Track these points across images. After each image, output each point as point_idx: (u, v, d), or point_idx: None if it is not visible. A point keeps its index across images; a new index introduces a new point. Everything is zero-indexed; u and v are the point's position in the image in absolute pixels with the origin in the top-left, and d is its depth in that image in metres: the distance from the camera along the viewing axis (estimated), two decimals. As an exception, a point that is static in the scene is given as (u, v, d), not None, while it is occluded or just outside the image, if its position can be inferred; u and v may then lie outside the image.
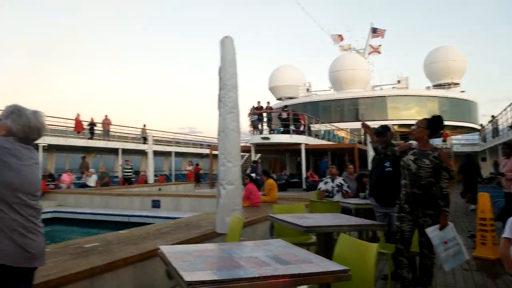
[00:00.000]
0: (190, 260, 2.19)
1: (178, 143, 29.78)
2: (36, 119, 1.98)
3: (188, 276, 1.78)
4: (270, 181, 7.93)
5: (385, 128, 4.36)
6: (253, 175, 9.59)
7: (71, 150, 21.04)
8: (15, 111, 1.95)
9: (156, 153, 20.55)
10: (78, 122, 20.61)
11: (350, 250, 2.56)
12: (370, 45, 34.68)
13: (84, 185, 15.57)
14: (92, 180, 15.47)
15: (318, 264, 2.09)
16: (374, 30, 34.28)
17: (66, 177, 15.54)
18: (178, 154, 27.86)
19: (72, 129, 20.65)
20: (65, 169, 18.60)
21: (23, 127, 1.93)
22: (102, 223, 10.45)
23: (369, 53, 34.60)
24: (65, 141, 19.09)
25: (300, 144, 17.77)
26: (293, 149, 18.52)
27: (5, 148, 1.82)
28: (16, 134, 1.91)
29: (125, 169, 18.36)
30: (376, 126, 4.53)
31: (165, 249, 2.45)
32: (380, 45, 34.63)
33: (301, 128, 18.82)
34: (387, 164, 4.28)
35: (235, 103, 4.38)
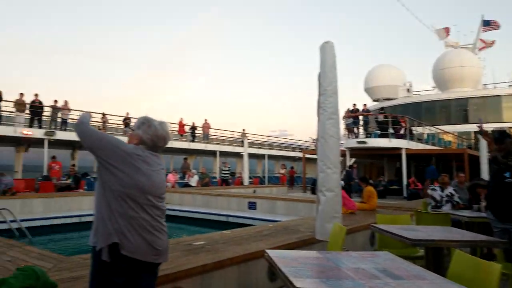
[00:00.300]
0: (296, 266, 2.23)
1: (271, 146, 30.38)
2: (162, 129, 2.22)
3: (298, 283, 1.83)
4: (369, 188, 7.66)
5: (503, 134, 3.92)
6: (341, 183, 9.24)
7: (174, 152, 22.84)
8: (145, 122, 2.20)
9: (250, 155, 21.24)
10: (181, 126, 22.27)
11: (467, 269, 2.36)
12: (481, 39, 31.29)
13: (187, 185, 16.75)
14: (194, 181, 16.60)
15: (433, 281, 1.97)
16: (487, 23, 30.81)
17: (171, 177, 16.87)
18: (270, 157, 28.42)
19: (175, 132, 22.41)
20: (170, 169, 20.22)
21: (152, 136, 2.17)
22: (203, 221, 11.15)
23: (480, 49, 31.21)
24: (170, 143, 20.71)
25: (400, 148, 16.76)
26: (392, 153, 17.56)
27: (137, 155, 2.07)
28: (146, 143, 2.16)
29: (223, 170, 19.32)
30: (490, 129, 4.11)
31: (272, 253, 2.53)
32: (493, 41, 31.04)
33: (402, 132, 17.74)
34: (507, 174, 3.84)
35: (335, 109, 4.34)
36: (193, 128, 23.02)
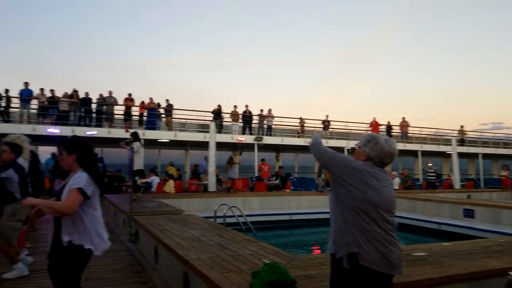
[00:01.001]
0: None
1: (485, 143, 26.18)
2: (388, 146, 2.27)
3: None
4: None
5: None
6: None
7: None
8: (371, 140, 2.30)
9: (459, 154, 18.91)
10: (375, 126, 21.49)
11: None
12: None
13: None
14: (395, 183, 15.95)
15: None
16: None
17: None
18: (485, 156, 24.49)
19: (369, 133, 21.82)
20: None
21: (379, 153, 2.25)
22: (409, 227, 10.60)
23: None
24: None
25: None
26: None
27: (366, 171, 2.19)
28: (373, 159, 2.26)
29: (428, 172, 17.81)
30: None
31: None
32: None
33: None
34: None
35: None
36: (389, 127, 22.05)
